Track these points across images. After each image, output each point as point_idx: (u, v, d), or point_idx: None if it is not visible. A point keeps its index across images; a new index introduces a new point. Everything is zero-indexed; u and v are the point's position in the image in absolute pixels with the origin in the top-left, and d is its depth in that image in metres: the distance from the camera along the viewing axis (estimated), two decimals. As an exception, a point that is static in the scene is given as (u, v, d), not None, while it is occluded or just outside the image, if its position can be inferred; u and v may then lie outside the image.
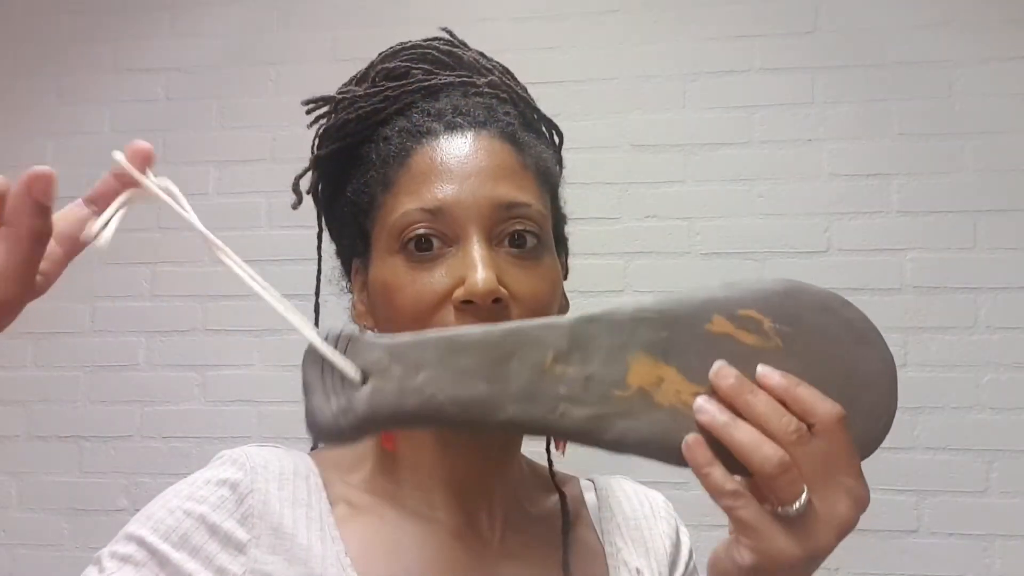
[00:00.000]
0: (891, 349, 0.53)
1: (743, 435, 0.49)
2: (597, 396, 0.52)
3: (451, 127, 0.65)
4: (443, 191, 0.62)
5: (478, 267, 0.59)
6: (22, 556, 2.04)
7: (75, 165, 2.18)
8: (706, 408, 0.51)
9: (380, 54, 0.72)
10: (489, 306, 0.59)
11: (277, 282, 0.51)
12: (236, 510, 0.60)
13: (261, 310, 2.13)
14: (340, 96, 0.71)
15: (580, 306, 2.05)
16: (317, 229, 0.74)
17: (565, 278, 0.75)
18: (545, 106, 0.77)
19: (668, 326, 0.52)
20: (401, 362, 0.51)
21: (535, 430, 0.53)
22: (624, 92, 2.02)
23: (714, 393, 0.51)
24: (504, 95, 0.71)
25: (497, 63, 0.74)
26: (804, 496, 0.49)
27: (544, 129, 0.75)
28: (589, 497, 0.75)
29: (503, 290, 0.60)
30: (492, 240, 0.62)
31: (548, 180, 0.68)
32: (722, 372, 0.51)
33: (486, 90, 0.70)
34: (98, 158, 2.44)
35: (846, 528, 0.50)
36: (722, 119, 1.99)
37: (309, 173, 0.73)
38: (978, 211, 1.88)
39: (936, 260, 1.88)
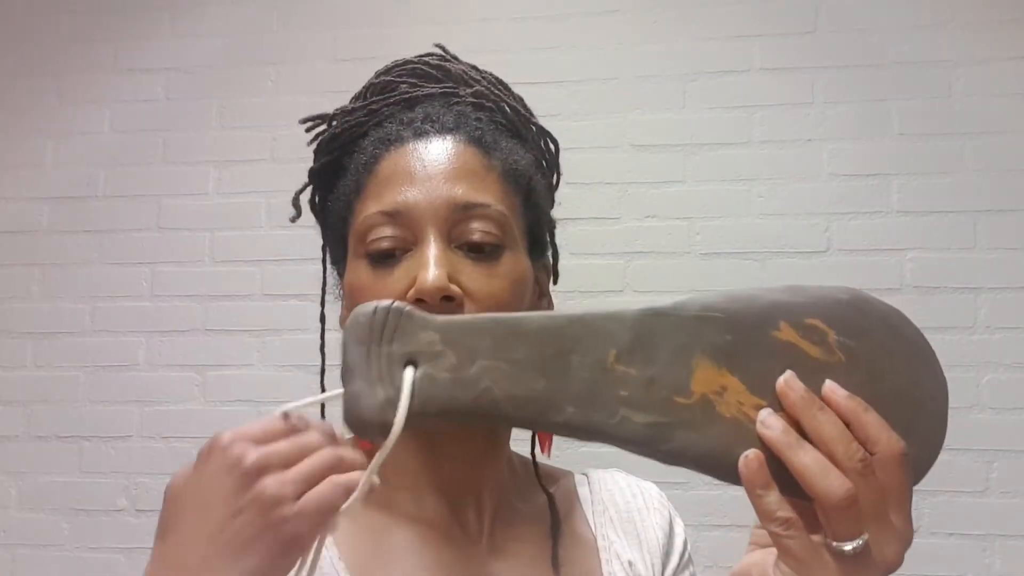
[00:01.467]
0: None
1: (809, 459, 0.46)
2: (659, 402, 0.48)
3: (419, 134, 0.67)
4: (403, 194, 0.64)
5: (429, 265, 0.60)
6: (22, 556, 2.04)
7: (75, 165, 2.19)
8: (771, 423, 0.47)
9: (376, 72, 0.74)
10: (440, 304, 0.60)
11: (277, 282, 0.51)
12: None
13: (261, 310, 2.13)
14: (333, 112, 0.74)
15: (579, 307, 2.04)
16: (322, 242, 0.76)
17: (555, 281, 0.76)
18: (545, 106, 0.77)
19: (733, 329, 0.49)
20: (455, 348, 0.47)
21: (591, 435, 0.49)
22: (624, 92, 2.02)
23: (777, 407, 0.48)
24: (489, 104, 0.72)
25: (488, 74, 0.74)
26: (864, 536, 0.46)
27: (536, 138, 0.75)
28: (583, 491, 0.75)
29: (454, 288, 0.60)
30: (451, 240, 0.63)
31: (517, 182, 0.68)
32: (792, 383, 0.48)
33: (469, 99, 0.71)
34: (98, 158, 2.46)
35: (891, 571, 0.48)
36: (722, 119, 1.99)
37: (309, 188, 0.76)
38: (978, 211, 1.88)
39: (936, 260, 1.88)
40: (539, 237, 0.72)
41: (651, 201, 1.98)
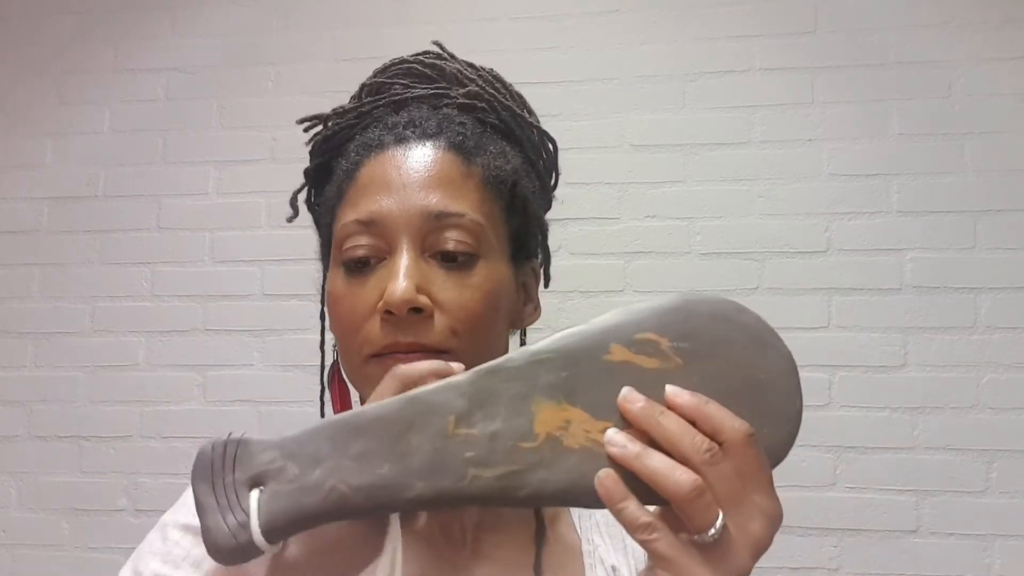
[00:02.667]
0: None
1: (655, 462, 0.49)
2: (505, 452, 0.50)
3: (400, 140, 0.67)
4: (378, 203, 0.63)
5: (398, 277, 0.60)
6: (22, 556, 2.04)
7: (75, 165, 2.19)
8: (616, 439, 0.50)
9: (373, 70, 0.74)
10: (408, 316, 0.60)
11: (277, 282, 0.51)
12: None
13: (261, 310, 2.13)
14: (329, 113, 0.74)
15: (580, 306, 2.04)
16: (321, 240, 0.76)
17: (546, 285, 0.75)
18: (545, 106, 0.76)
19: (567, 365, 0.51)
20: (296, 459, 0.49)
21: (446, 502, 0.50)
22: (624, 92, 2.02)
23: (623, 425, 0.50)
24: (482, 104, 0.71)
25: (486, 72, 0.73)
26: (719, 521, 0.48)
27: (532, 137, 0.74)
28: None
29: (423, 299, 0.60)
30: (425, 250, 0.63)
31: (499, 188, 0.68)
32: (630, 396, 0.50)
33: (461, 101, 0.70)
34: (98, 158, 2.46)
35: (761, 548, 0.50)
36: (722, 119, 1.99)
37: (305, 188, 0.76)
38: (978, 211, 1.88)
39: (936, 260, 1.88)
40: (525, 242, 0.71)
41: (651, 201, 1.98)
